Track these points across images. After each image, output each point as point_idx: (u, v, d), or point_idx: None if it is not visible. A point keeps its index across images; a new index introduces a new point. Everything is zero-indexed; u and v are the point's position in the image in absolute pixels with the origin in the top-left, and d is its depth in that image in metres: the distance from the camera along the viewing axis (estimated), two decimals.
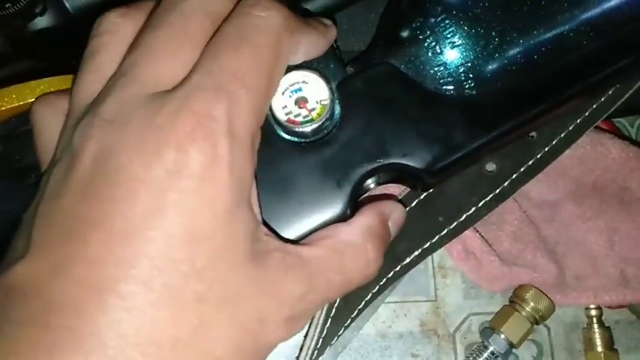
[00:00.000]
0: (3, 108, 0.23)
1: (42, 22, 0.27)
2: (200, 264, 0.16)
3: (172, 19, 0.18)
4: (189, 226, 0.15)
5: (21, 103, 0.23)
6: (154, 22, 0.18)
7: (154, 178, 0.15)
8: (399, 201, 0.25)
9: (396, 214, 0.23)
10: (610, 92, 0.29)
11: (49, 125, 0.19)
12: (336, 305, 0.27)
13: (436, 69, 0.23)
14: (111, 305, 0.15)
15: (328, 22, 0.23)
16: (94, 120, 0.16)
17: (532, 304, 0.30)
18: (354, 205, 0.23)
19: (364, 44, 0.30)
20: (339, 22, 0.30)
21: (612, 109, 0.29)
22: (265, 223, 0.20)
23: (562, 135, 0.28)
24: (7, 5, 0.24)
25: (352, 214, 0.23)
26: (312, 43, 0.21)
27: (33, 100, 0.24)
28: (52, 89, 0.24)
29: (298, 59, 0.21)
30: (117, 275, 0.15)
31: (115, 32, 0.18)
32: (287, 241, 0.20)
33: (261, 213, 0.20)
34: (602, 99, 0.29)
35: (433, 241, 0.29)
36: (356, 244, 0.20)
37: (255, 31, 0.17)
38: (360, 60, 0.26)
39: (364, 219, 0.21)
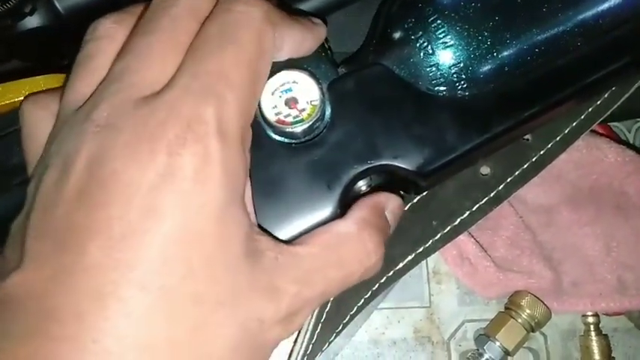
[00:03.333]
0: None
1: (31, 21, 0.26)
2: (196, 264, 0.15)
3: (162, 24, 0.18)
4: (185, 227, 0.15)
5: (7, 102, 0.23)
6: (144, 27, 0.18)
7: (149, 182, 0.15)
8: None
9: (392, 204, 0.23)
10: (606, 95, 0.29)
11: (38, 126, 0.19)
12: (327, 310, 0.27)
13: (428, 70, 0.23)
14: (111, 311, 0.14)
15: (317, 20, 0.23)
16: (87, 125, 0.16)
17: (528, 311, 0.30)
18: (345, 207, 0.23)
19: (357, 45, 0.30)
20: (333, 22, 0.30)
21: (608, 113, 0.28)
22: (258, 224, 0.20)
23: (557, 138, 0.28)
24: None
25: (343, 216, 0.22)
26: (297, 39, 0.21)
27: (21, 99, 0.23)
28: (40, 88, 0.23)
29: (284, 55, 0.21)
30: (116, 280, 0.15)
31: (110, 38, 0.18)
32: (281, 241, 0.20)
33: (255, 212, 0.20)
34: (598, 102, 0.28)
35: (427, 245, 0.28)
36: (352, 235, 0.20)
37: (237, 28, 0.17)
38: (352, 61, 0.25)
39: (358, 211, 0.21)
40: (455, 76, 0.23)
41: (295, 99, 0.23)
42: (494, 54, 0.23)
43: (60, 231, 0.15)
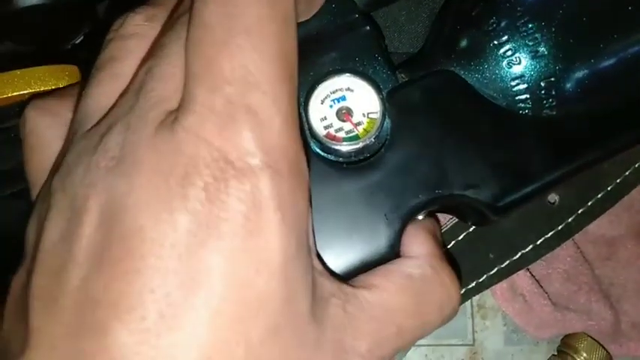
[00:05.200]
0: None
1: None
2: (258, 339, 0.12)
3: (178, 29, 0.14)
4: (241, 295, 0.12)
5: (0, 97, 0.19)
6: (176, 24, 0.14)
7: (187, 242, 0.11)
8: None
9: (437, 230, 0.20)
10: None
11: (46, 138, 0.15)
12: None
13: (511, 83, 0.19)
14: None
15: None
16: (98, 157, 0.12)
17: (585, 354, 0.27)
18: (400, 241, 0.19)
19: (410, 46, 0.26)
20: (381, 18, 0.26)
21: None
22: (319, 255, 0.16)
23: (637, 165, 0.24)
24: None
25: (398, 251, 0.19)
26: None
27: (13, 94, 0.19)
28: (39, 81, 0.19)
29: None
30: None
31: (140, 37, 0.14)
32: (342, 280, 0.16)
33: (315, 244, 0.16)
34: None
35: (480, 280, 0.25)
36: (429, 277, 0.17)
37: (245, 16, 0.12)
38: (414, 65, 0.21)
39: (424, 246, 0.18)
40: (544, 92, 0.19)
41: (350, 110, 0.19)
42: (594, 68, 0.19)
43: (74, 307, 0.11)
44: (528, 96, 0.19)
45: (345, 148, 0.19)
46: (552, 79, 0.19)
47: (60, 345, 0.11)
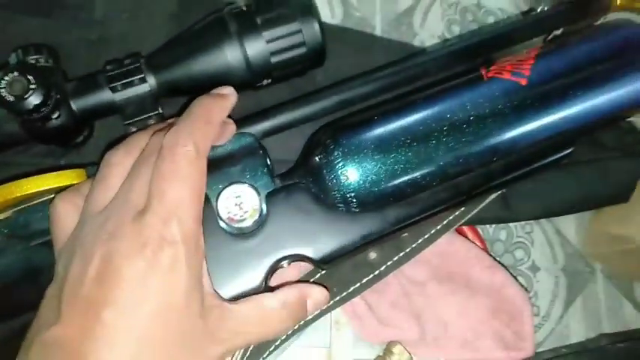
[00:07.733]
0: (18, 194, 0.32)
1: (54, 122, 0.36)
2: (170, 324, 0.25)
3: (152, 159, 0.28)
4: (164, 302, 0.25)
5: (26, 193, 0.32)
6: (142, 160, 0.28)
7: (141, 275, 0.25)
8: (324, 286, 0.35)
9: (317, 296, 0.31)
10: (462, 209, 0.41)
11: (65, 217, 0.29)
12: (250, 349, 0.37)
13: (333, 192, 0.34)
14: (118, 354, 0.24)
15: (225, 91, 0.32)
16: (101, 233, 0.26)
17: (397, 356, 0.41)
18: (269, 279, 0.33)
19: (295, 157, 0.41)
20: (277, 137, 0.41)
21: (462, 222, 0.41)
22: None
23: (425, 236, 0.40)
24: (33, 115, 0.34)
25: (267, 286, 0.33)
26: (216, 135, 0.30)
27: (36, 190, 0.33)
28: (49, 184, 0.33)
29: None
30: (122, 336, 0.24)
31: (120, 165, 0.28)
32: (224, 300, 0.30)
33: (211, 280, 0.30)
34: (456, 213, 0.41)
35: (329, 305, 0.39)
36: (273, 309, 0.29)
37: (182, 167, 0.26)
38: (286, 176, 0.36)
39: (284, 294, 0.30)
40: (350, 198, 0.34)
41: (242, 203, 0.34)
42: (380, 191, 0.34)
43: (85, 302, 0.24)
44: (342, 200, 0.34)
45: (238, 225, 0.33)
46: (353, 194, 0.34)
47: (76, 319, 0.24)
